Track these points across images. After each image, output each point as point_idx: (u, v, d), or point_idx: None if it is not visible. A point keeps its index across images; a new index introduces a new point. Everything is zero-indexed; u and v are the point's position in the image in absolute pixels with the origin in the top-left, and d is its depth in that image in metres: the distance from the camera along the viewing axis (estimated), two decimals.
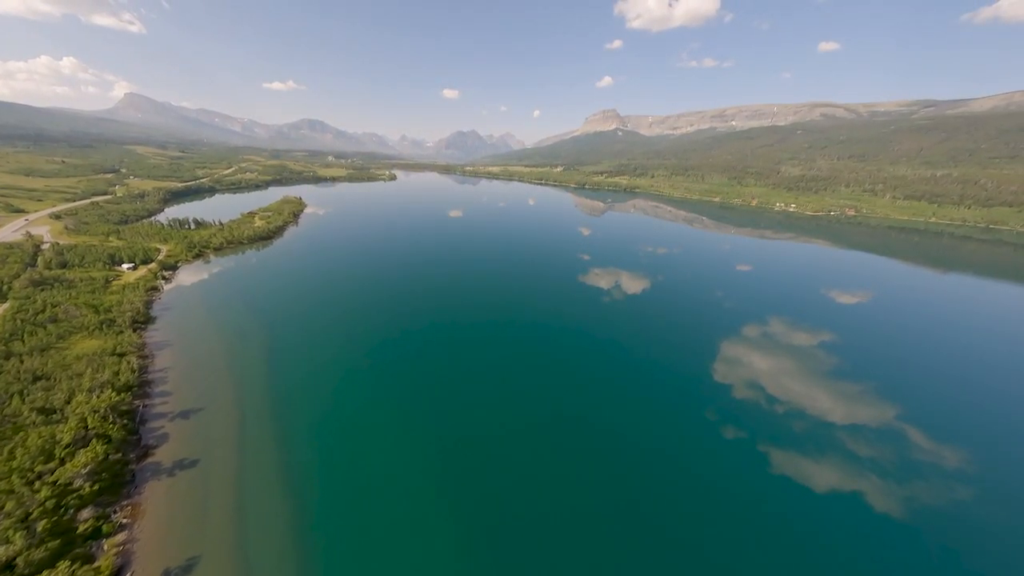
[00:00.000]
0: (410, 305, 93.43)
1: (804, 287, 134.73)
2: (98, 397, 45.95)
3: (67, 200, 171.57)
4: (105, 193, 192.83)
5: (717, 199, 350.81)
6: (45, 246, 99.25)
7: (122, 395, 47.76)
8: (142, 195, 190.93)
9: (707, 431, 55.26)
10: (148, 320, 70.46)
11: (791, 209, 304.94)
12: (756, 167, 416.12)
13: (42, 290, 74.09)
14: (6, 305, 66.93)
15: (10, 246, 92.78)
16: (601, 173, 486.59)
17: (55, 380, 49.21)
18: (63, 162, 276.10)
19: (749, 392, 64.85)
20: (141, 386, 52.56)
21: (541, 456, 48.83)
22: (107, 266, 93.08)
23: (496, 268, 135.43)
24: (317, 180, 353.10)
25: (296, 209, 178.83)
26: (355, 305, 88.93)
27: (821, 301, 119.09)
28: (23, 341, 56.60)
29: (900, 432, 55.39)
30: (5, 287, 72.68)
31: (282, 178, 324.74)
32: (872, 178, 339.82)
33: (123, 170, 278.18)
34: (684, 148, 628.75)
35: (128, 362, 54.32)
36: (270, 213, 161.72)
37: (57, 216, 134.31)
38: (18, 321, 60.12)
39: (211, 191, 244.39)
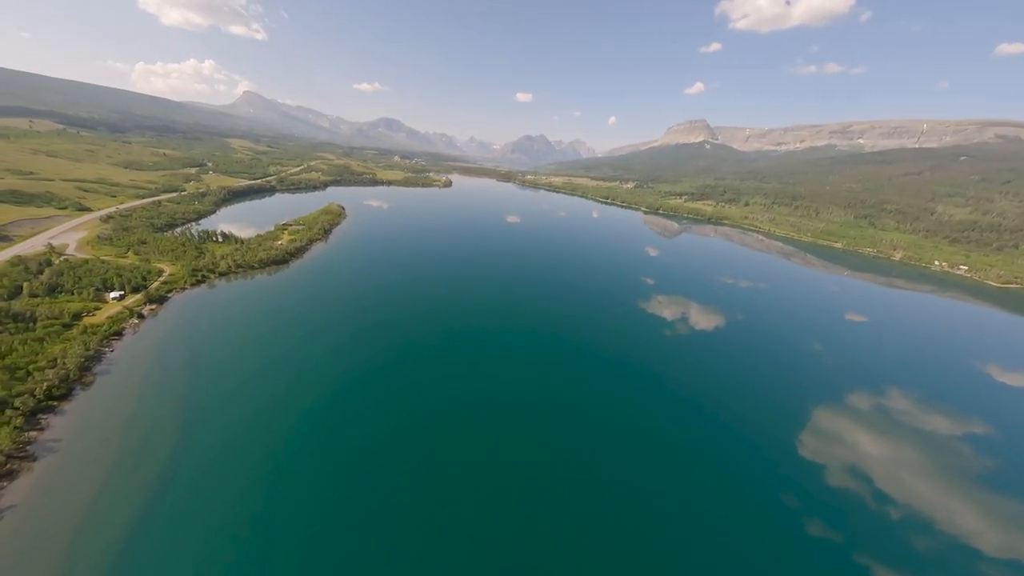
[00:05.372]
0: (428, 365, 76.90)
1: (946, 354, 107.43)
2: None
3: (139, 197, 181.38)
4: (176, 190, 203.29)
5: (839, 245, 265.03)
6: (59, 260, 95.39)
7: None
8: (204, 194, 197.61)
9: (785, 520, 45.08)
10: (67, 394, 56.57)
11: (961, 272, 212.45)
12: (897, 203, 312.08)
13: None
14: None
15: (17, 262, 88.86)
16: (680, 195, 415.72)
17: None
18: (164, 155, 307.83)
19: (849, 481, 52.94)
20: None
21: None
22: (96, 292, 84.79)
23: (548, 291, 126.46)
24: (374, 183, 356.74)
25: (332, 223, 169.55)
26: (337, 380, 68.20)
27: (972, 376, 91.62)
28: None
29: None
30: None
31: (342, 179, 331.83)
32: None
33: (209, 164, 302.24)
34: (791, 170, 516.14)
35: None
36: (302, 227, 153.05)
37: (108, 218, 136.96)
38: None
39: (271, 191, 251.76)
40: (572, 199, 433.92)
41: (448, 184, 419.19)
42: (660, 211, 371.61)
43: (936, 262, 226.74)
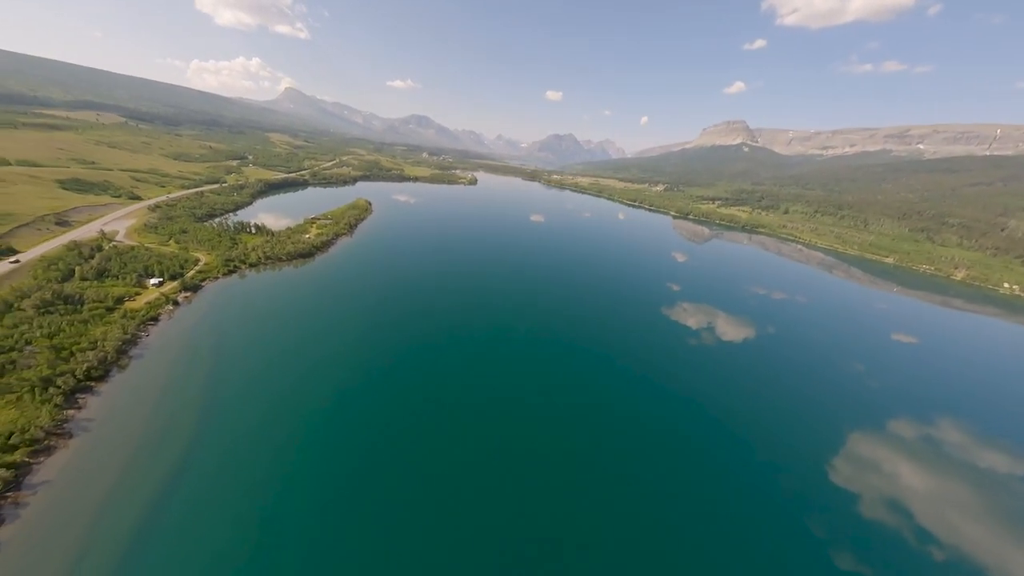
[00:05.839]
0: (434, 353, 79.35)
1: (1011, 384, 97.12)
2: None
3: (185, 187, 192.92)
4: (218, 182, 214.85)
5: (889, 260, 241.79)
6: (108, 246, 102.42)
7: None
8: (242, 186, 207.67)
9: (813, 550, 42.63)
10: (104, 375, 60.13)
11: None
12: (961, 216, 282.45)
13: (43, 313, 69.97)
14: None
15: (72, 246, 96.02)
16: (713, 200, 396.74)
17: None
18: (210, 147, 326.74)
19: (886, 514, 49.45)
20: None
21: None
22: (138, 278, 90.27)
23: (568, 291, 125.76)
24: (401, 178, 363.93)
25: (358, 217, 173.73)
26: (351, 367, 70.79)
27: None
28: None
29: None
30: (16, 306, 69.81)
31: (371, 174, 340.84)
32: None
33: (249, 157, 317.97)
34: (837, 176, 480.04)
35: None
36: (329, 221, 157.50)
37: (156, 207, 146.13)
38: None
39: (304, 185, 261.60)
40: (598, 201, 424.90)
41: (473, 182, 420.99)
42: (690, 216, 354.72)
43: (1005, 284, 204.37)
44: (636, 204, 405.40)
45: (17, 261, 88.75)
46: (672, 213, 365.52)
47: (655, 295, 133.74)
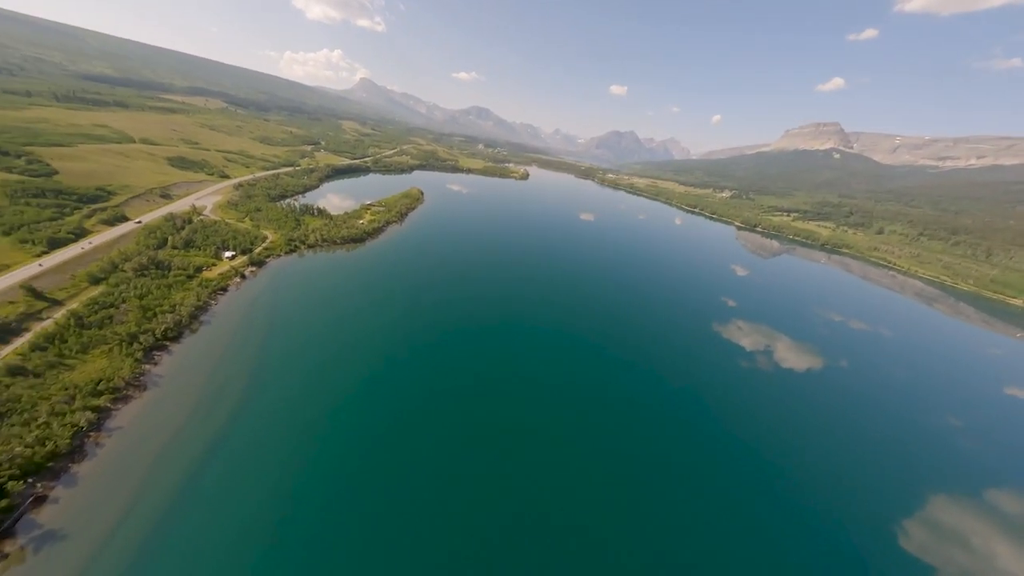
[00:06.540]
0: (474, 343, 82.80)
1: None
2: None
3: (265, 169, 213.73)
4: (293, 165, 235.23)
5: (1018, 301, 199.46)
6: (196, 219, 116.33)
7: (15, 484, 39.75)
8: (312, 170, 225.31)
9: None
10: (179, 336, 68.14)
11: None
12: None
13: (140, 275, 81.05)
14: (95, 291, 73.46)
15: (169, 218, 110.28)
16: (788, 212, 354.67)
17: (3, 424, 45.31)
18: (291, 133, 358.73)
19: None
20: (70, 455, 45.25)
21: None
22: (216, 251, 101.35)
23: (612, 293, 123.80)
24: (455, 169, 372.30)
25: (409, 206, 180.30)
26: (398, 344, 77.44)
27: None
28: (54, 347, 57.64)
29: None
30: (119, 268, 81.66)
31: (427, 164, 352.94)
32: None
33: (322, 143, 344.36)
34: (954, 193, 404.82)
35: (81, 417, 47.99)
36: (382, 208, 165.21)
37: (239, 186, 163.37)
38: (71, 321, 62.53)
39: (366, 171, 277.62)
40: (652, 204, 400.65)
41: (525, 176, 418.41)
42: (758, 228, 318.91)
43: None
44: (696, 211, 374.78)
45: (140, 222, 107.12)
46: (736, 223, 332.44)
47: (706, 308, 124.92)
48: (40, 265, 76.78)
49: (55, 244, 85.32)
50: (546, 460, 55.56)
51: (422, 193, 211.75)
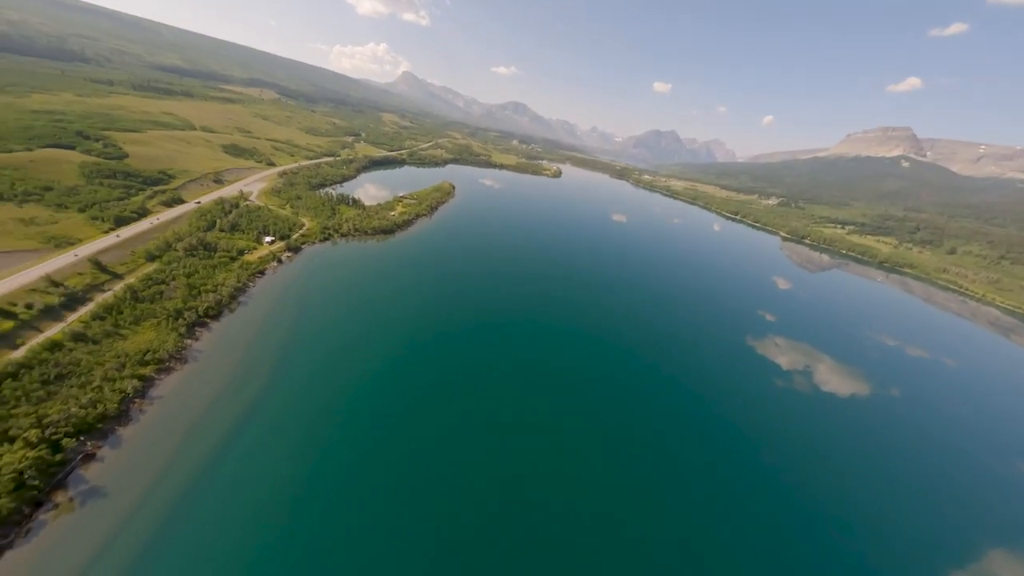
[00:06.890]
0: (494, 347, 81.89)
1: None
2: (35, 444, 42.44)
3: (309, 158, 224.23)
4: (334, 155, 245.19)
5: None
6: (243, 204, 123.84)
7: (69, 441, 43.93)
8: (351, 161, 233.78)
9: None
10: (218, 315, 72.79)
11: None
12: None
13: (189, 255, 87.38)
14: (150, 268, 79.89)
15: (219, 202, 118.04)
16: (843, 224, 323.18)
17: (64, 385, 50.25)
18: (334, 124, 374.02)
19: None
20: (117, 418, 49.49)
21: None
22: (257, 235, 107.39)
23: (641, 297, 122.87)
24: (488, 165, 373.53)
25: (440, 200, 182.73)
26: (415, 336, 79.02)
27: None
28: (111, 317, 63.27)
29: None
30: (172, 247, 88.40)
31: (461, 158, 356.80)
32: None
33: (362, 134, 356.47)
34: None
35: (129, 384, 52.36)
36: (414, 201, 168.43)
37: (283, 174, 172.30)
38: (127, 295, 68.36)
39: (401, 163, 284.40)
40: (689, 208, 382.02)
41: (558, 174, 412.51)
42: (807, 240, 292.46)
43: None
44: (737, 217, 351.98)
45: (199, 202, 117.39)
46: (782, 234, 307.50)
47: (741, 320, 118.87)
48: (117, 236, 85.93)
49: (121, 222, 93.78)
50: (558, 456, 55.68)
51: (453, 187, 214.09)
